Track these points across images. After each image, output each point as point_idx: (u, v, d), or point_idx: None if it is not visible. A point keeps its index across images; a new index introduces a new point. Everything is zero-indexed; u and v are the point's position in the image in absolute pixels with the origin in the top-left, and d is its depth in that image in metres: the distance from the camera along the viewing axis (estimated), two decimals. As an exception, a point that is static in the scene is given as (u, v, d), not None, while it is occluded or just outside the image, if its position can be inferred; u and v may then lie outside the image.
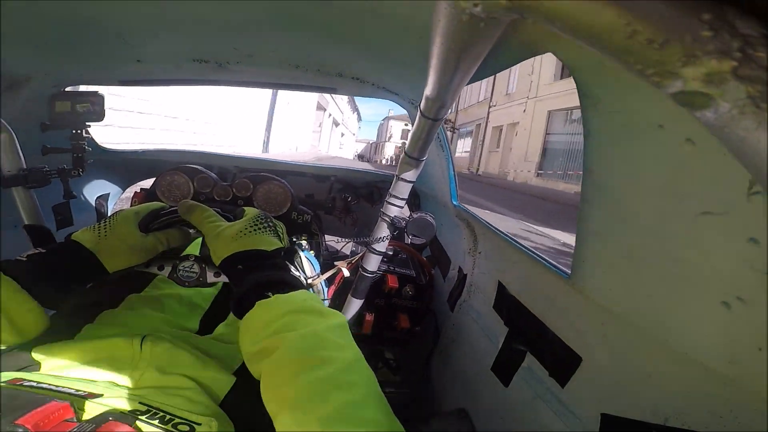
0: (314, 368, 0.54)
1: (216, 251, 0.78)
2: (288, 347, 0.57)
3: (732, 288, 0.48)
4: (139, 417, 0.56)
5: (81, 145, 1.34)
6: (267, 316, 0.63)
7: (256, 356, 0.62)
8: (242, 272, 0.74)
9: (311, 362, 0.55)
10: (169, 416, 0.59)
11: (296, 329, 0.60)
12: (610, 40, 0.26)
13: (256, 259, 0.76)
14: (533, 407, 0.84)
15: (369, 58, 1.10)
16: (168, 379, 0.70)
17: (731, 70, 0.22)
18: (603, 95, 0.62)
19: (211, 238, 0.80)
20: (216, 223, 0.81)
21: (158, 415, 0.58)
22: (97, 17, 0.88)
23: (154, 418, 0.57)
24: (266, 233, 0.81)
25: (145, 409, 0.59)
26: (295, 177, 2.10)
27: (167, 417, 0.58)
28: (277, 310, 0.64)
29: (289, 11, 0.81)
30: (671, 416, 0.56)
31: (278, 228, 0.87)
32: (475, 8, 0.30)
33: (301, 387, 0.52)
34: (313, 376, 0.53)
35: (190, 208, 0.85)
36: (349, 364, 0.56)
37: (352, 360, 0.57)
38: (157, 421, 0.57)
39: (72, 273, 0.78)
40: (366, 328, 1.37)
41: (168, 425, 0.57)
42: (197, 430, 0.58)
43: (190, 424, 0.59)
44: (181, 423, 0.58)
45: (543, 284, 0.91)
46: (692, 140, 0.49)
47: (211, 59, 1.23)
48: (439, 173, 1.66)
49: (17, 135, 1.14)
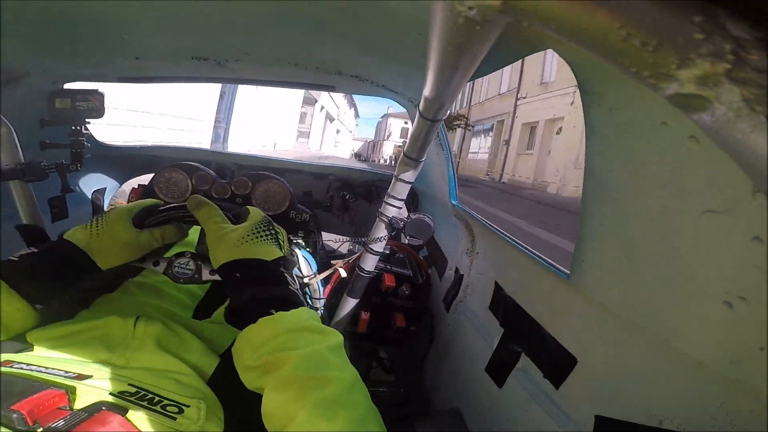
0: (321, 388, 0.57)
1: (216, 255, 0.78)
2: (294, 366, 0.59)
3: (734, 287, 0.48)
4: (129, 400, 0.57)
5: (80, 140, 1.34)
6: (268, 333, 0.64)
7: (256, 370, 0.63)
8: (240, 281, 0.74)
9: (317, 382, 0.58)
10: (158, 398, 0.60)
11: (299, 347, 0.62)
12: (605, 44, 0.26)
13: (256, 269, 0.76)
14: (527, 408, 0.84)
15: (368, 56, 1.10)
16: (159, 359, 0.71)
17: (725, 73, 0.22)
18: (605, 92, 0.61)
19: (212, 239, 0.80)
20: (220, 224, 0.81)
21: (147, 396, 0.59)
22: (95, 14, 0.88)
23: (143, 400, 0.58)
24: (268, 241, 0.81)
25: (135, 391, 0.60)
26: (293, 175, 2.10)
27: (156, 399, 0.59)
28: (279, 327, 0.65)
29: (288, 9, 0.81)
30: (665, 419, 0.56)
31: (279, 235, 0.87)
32: (470, 11, 0.30)
33: (311, 406, 0.55)
34: (320, 395, 0.56)
35: (199, 204, 0.85)
36: (351, 384, 0.60)
37: (353, 380, 0.61)
38: (146, 403, 0.58)
39: (64, 272, 0.78)
40: (361, 326, 1.37)
41: (157, 406, 0.58)
42: (186, 411, 0.59)
43: (179, 406, 0.60)
44: (170, 404, 0.59)
45: (541, 285, 0.91)
46: (696, 137, 0.49)
47: (210, 57, 1.23)
48: (439, 173, 1.66)
49: (16, 130, 1.14)
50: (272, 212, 1.66)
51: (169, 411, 0.58)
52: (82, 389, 0.56)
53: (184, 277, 0.92)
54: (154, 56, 1.24)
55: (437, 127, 0.88)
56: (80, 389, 0.56)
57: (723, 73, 0.22)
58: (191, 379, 0.68)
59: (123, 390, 0.59)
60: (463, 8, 0.31)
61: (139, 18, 0.92)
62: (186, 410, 0.59)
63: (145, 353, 0.71)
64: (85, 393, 0.55)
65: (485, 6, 0.29)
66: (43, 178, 1.21)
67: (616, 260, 0.66)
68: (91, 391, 0.56)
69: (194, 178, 1.65)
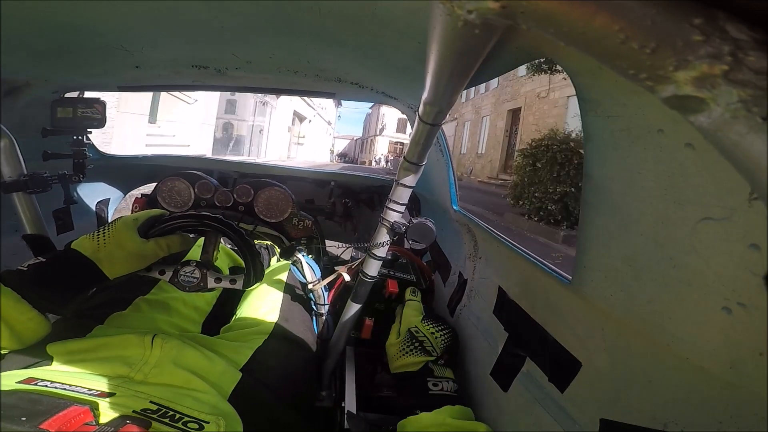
0: None
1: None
2: None
3: (733, 293, 0.48)
4: (151, 417, 0.58)
5: (82, 150, 1.35)
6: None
7: None
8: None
9: None
10: (179, 415, 0.61)
11: None
12: (603, 46, 0.26)
13: None
14: (532, 412, 0.84)
15: (367, 64, 1.10)
16: (177, 376, 0.72)
17: (722, 74, 0.22)
18: (602, 99, 0.62)
19: None
20: None
21: (168, 414, 0.61)
22: (95, 23, 0.88)
23: (165, 417, 0.60)
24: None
25: (156, 408, 0.61)
26: (295, 182, 2.11)
27: (177, 416, 0.61)
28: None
29: (287, 17, 0.82)
30: (670, 421, 0.56)
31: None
32: (469, 15, 0.31)
33: None
34: None
35: None
36: None
37: None
38: (167, 420, 0.59)
39: (72, 281, 0.79)
40: (365, 332, 1.37)
41: (178, 423, 0.59)
42: (206, 428, 0.60)
43: (199, 422, 0.61)
44: (190, 421, 0.60)
45: (544, 289, 0.91)
46: (692, 145, 0.49)
47: (210, 65, 1.24)
48: (439, 178, 1.66)
49: (17, 141, 1.15)
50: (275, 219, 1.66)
51: (190, 428, 0.59)
52: (105, 406, 0.57)
53: (190, 285, 0.93)
54: (155, 65, 1.25)
55: (437, 131, 0.89)
56: (103, 406, 0.57)
57: (720, 74, 0.23)
58: (210, 396, 0.70)
59: (145, 407, 0.60)
60: (462, 11, 0.31)
61: (140, 27, 0.92)
62: (206, 426, 0.61)
63: (164, 370, 0.72)
64: (109, 409, 0.57)
65: (484, 9, 0.29)
66: (46, 189, 1.22)
67: (616, 266, 0.66)
68: (115, 409, 0.57)
69: (197, 187, 1.65)
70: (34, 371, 0.65)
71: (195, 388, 0.70)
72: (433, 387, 1.02)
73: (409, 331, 1.12)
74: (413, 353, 1.07)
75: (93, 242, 0.82)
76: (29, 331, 0.72)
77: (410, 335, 1.11)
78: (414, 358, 1.06)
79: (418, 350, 1.07)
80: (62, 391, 0.58)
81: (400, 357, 1.08)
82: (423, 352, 1.07)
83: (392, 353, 1.12)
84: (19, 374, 0.62)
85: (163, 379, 0.71)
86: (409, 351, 1.08)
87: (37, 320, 0.73)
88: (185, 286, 0.93)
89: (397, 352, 1.10)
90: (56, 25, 0.88)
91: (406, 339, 1.11)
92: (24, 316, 0.71)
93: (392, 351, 1.12)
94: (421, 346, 1.08)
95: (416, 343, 1.08)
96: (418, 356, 1.06)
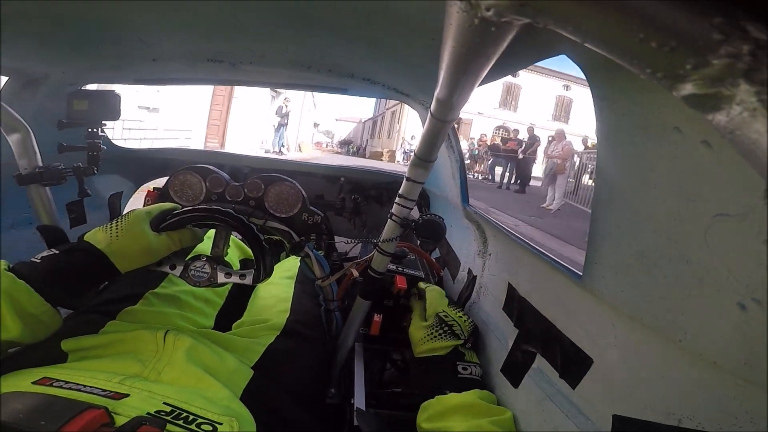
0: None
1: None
2: None
3: (747, 289, 0.48)
4: (165, 420, 0.58)
5: (96, 143, 1.35)
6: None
7: None
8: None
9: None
10: (192, 417, 0.61)
11: None
12: (621, 45, 0.26)
13: None
14: (543, 408, 0.84)
15: (380, 60, 1.10)
16: (190, 373, 0.72)
17: (742, 74, 0.22)
18: (617, 96, 0.61)
19: None
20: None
21: (182, 416, 0.60)
22: (113, 16, 0.89)
23: (179, 419, 0.60)
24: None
25: (170, 410, 0.61)
26: (305, 177, 2.11)
27: (191, 417, 0.61)
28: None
29: (302, 13, 0.82)
30: (684, 417, 0.56)
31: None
32: (487, 12, 0.31)
33: None
34: None
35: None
36: None
37: None
38: (181, 422, 0.59)
39: (85, 275, 0.79)
40: (374, 329, 1.37)
41: (192, 425, 0.59)
42: (219, 429, 0.60)
43: (213, 424, 0.61)
44: (204, 423, 0.60)
45: (554, 286, 0.91)
46: (708, 143, 0.49)
47: (225, 59, 1.25)
48: (449, 175, 1.66)
49: (33, 133, 1.16)
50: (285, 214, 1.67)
51: (203, 429, 0.59)
52: (120, 408, 0.58)
53: (200, 280, 0.93)
54: (171, 58, 1.26)
55: (449, 127, 0.88)
56: (119, 408, 0.58)
57: (740, 73, 0.23)
58: (222, 395, 0.70)
59: (159, 409, 0.60)
60: (479, 9, 0.31)
61: (157, 21, 0.93)
62: (219, 428, 0.61)
63: (176, 367, 0.72)
64: (124, 412, 0.57)
65: (503, 7, 0.29)
66: (61, 181, 1.22)
67: (628, 263, 0.66)
68: (130, 411, 0.58)
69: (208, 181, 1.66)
70: (48, 370, 0.65)
71: (207, 386, 0.70)
72: (463, 371, 1.03)
73: (437, 316, 1.11)
74: (443, 338, 1.07)
75: (106, 235, 0.82)
76: (42, 326, 0.72)
77: (439, 320, 1.10)
78: (443, 342, 1.06)
79: (447, 334, 1.07)
80: (77, 392, 0.59)
81: (428, 341, 1.08)
82: (452, 336, 1.07)
83: (418, 337, 1.11)
84: (33, 373, 0.63)
85: (175, 377, 0.71)
86: (438, 335, 1.08)
87: (50, 314, 0.73)
88: (196, 281, 0.93)
89: (424, 336, 1.10)
90: (75, 17, 0.89)
91: (435, 323, 1.10)
92: (37, 310, 0.71)
93: (418, 335, 1.12)
94: (451, 330, 1.08)
95: (445, 327, 1.08)
96: (448, 340, 1.06)
